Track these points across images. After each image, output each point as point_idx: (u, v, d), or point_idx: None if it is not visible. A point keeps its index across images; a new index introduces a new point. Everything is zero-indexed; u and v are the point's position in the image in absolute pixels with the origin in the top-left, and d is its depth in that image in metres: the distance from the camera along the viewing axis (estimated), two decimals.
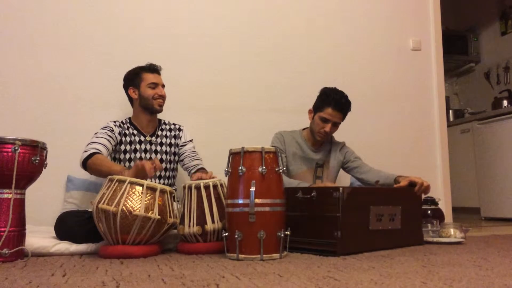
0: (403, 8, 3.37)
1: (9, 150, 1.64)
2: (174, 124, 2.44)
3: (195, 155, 2.38)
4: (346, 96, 2.37)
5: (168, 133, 2.38)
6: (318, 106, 2.39)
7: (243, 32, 2.98)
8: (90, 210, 1.94)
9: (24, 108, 2.54)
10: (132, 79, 2.31)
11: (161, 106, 2.30)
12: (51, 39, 2.62)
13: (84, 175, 2.49)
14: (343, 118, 2.40)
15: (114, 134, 2.23)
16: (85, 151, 2.09)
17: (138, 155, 2.26)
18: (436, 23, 3.41)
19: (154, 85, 2.28)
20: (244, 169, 1.70)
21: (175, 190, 2.23)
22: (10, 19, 2.57)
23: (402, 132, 3.25)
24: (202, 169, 2.26)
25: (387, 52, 3.29)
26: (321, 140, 2.45)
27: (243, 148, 1.73)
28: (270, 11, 3.05)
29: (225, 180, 1.86)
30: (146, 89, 2.28)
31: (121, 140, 2.25)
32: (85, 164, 2.06)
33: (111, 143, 2.19)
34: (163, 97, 2.30)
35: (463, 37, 5.13)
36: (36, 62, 2.58)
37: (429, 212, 2.52)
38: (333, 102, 2.33)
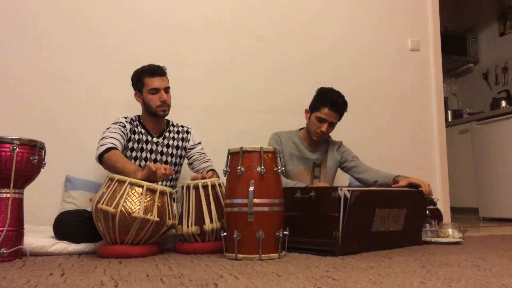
0: (402, 8, 3.37)
1: (8, 149, 1.64)
2: (182, 126, 2.40)
3: (204, 157, 2.37)
4: (343, 96, 2.37)
5: (176, 135, 2.35)
6: (314, 106, 2.39)
7: (242, 32, 2.98)
8: (88, 209, 1.94)
9: (23, 108, 2.53)
10: (135, 83, 2.26)
11: (164, 112, 2.24)
12: (50, 39, 2.62)
13: (83, 175, 2.50)
14: (339, 118, 2.40)
15: (126, 130, 2.20)
16: (102, 145, 2.07)
17: (144, 154, 2.24)
18: (435, 23, 3.41)
19: (155, 91, 2.19)
20: (242, 169, 1.70)
21: (176, 192, 2.22)
22: (11, 19, 2.57)
23: (400, 132, 3.25)
24: (212, 171, 2.25)
25: (385, 52, 3.29)
26: (318, 140, 2.45)
27: (241, 148, 1.73)
28: (269, 11, 3.05)
29: (223, 180, 1.86)
30: (147, 96, 2.21)
31: (130, 137, 2.23)
32: (101, 158, 2.05)
33: (124, 139, 2.17)
34: (166, 103, 2.22)
35: (462, 38, 5.14)
36: (36, 62, 2.58)
37: (427, 212, 2.52)
38: (330, 102, 2.33)
